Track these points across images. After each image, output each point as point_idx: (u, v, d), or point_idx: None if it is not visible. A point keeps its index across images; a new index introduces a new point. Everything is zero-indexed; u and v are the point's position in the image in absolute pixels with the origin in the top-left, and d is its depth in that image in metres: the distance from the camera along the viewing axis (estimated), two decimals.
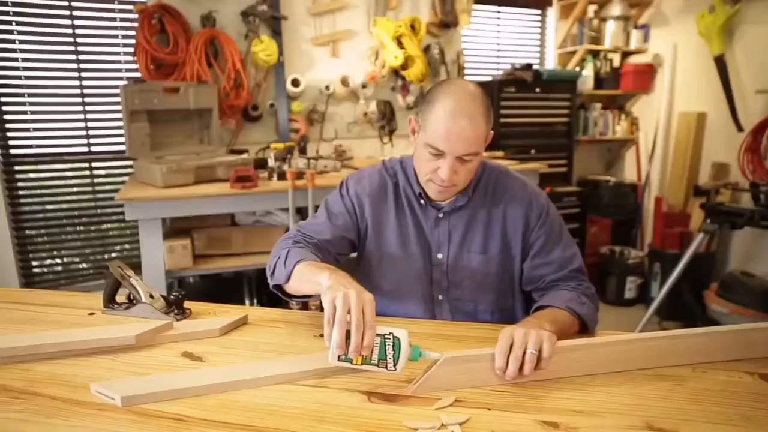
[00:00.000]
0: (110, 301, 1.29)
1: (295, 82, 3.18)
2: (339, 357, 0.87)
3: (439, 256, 1.26)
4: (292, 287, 1.11)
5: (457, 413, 0.82)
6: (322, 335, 1.11)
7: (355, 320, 0.85)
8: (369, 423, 0.80)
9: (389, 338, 0.88)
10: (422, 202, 1.26)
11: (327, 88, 3.28)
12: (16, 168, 2.91)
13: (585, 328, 1.13)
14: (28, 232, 2.98)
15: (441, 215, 1.26)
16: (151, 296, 1.27)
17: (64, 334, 1.09)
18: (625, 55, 4.05)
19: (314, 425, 0.80)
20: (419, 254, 1.26)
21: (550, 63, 4.13)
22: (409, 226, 1.27)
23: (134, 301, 1.26)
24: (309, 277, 1.04)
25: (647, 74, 3.93)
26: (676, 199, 3.80)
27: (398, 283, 1.28)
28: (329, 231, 1.26)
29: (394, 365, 0.88)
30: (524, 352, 0.89)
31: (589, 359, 0.95)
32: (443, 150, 1.11)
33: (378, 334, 0.88)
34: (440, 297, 1.27)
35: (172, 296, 1.26)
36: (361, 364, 0.88)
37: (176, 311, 1.24)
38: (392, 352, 0.88)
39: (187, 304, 1.27)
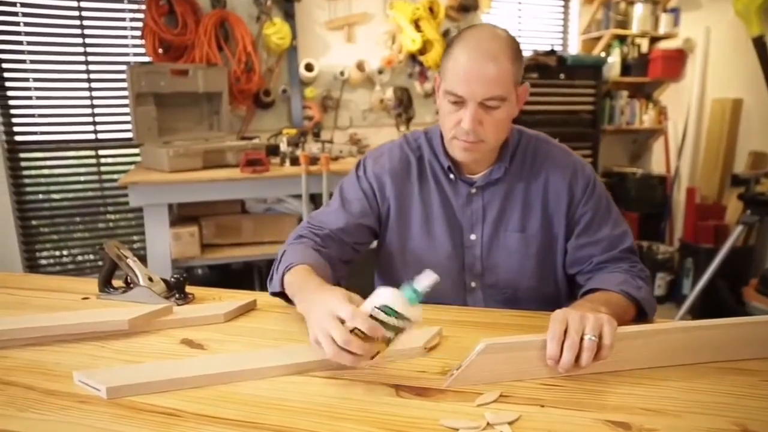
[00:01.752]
0: (106, 285, 1.17)
1: (309, 67, 3.05)
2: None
3: (472, 237, 1.12)
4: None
5: (504, 410, 0.68)
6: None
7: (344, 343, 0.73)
8: (397, 421, 0.66)
9: (381, 311, 0.75)
10: (452, 176, 1.11)
11: (342, 73, 3.15)
12: (21, 155, 2.82)
13: (641, 315, 0.98)
14: (33, 222, 2.88)
15: (474, 190, 1.11)
16: (150, 279, 1.15)
17: (49, 317, 0.97)
18: (654, 40, 3.86)
19: (328, 422, 0.66)
20: (448, 236, 1.12)
21: (574, 49, 3.96)
22: (437, 205, 1.13)
23: (131, 285, 1.14)
24: (292, 292, 0.94)
25: (677, 60, 3.74)
26: (710, 190, 3.61)
27: (424, 269, 1.13)
28: (343, 219, 1.12)
29: (404, 321, 0.76)
30: (581, 339, 0.74)
31: (654, 348, 0.80)
32: (463, 95, 0.98)
33: (375, 318, 0.75)
34: (473, 284, 1.13)
35: (172, 278, 1.13)
36: (387, 346, 0.77)
37: (177, 295, 1.12)
38: (393, 319, 0.76)
39: (190, 289, 1.15)
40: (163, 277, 1.17)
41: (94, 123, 2.90)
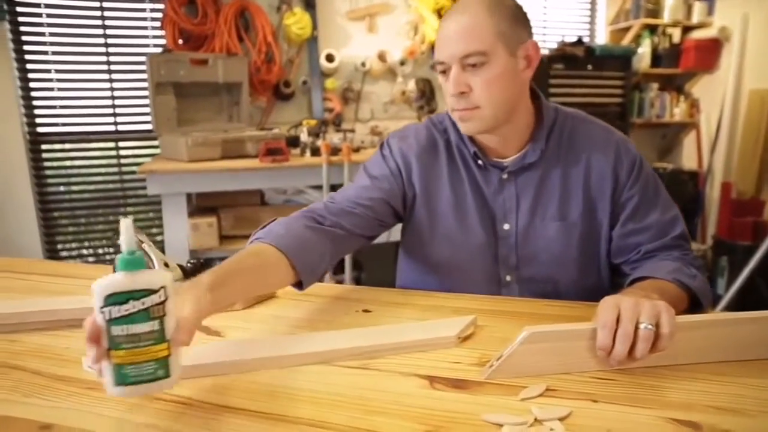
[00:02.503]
0: None
1: (330, 58, 2.99)
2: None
3: (506, 227, 1.03)
4: None
5: (553, 405, 0.61)
6: (366, 310, 0.94)
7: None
8: (434, 415, 0.60)
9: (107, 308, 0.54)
10: (480, 162, 1.03)
11: (363, 64, 3.09)
12: (43, 147, 2.81)
13: (695, 307, 0.89)
14: (54, 214, 2.88)
15: (505, 176, 1.02)
16: (166, 265, 1.09)
17: (58, 301, 0.92)
18: (687, 30, 3.72)
19: (361, 416, 0.60)
20: (480, 226, 1.03)
21: (601, 40, 3.84)
22: (467, 192, 1.04)
23: None
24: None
25: (711, 50, 3.59)
26: (746, 185, 3.46)
27: (454, 262, 1.05)
28: (370, 193, 1.03)
29: (147, 295, 0.55)
30: (636, 328, 0.66)
31: (717, 341, 0.71)
32: (444, 60, 0.93)
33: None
34: (508, 278, 1.05)
35: (188, 264, 1.08)
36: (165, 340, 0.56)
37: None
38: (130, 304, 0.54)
39: None
40: (180, 263, 1.12)
41: (115, 115, 2.88)
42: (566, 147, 1.02)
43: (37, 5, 2.69)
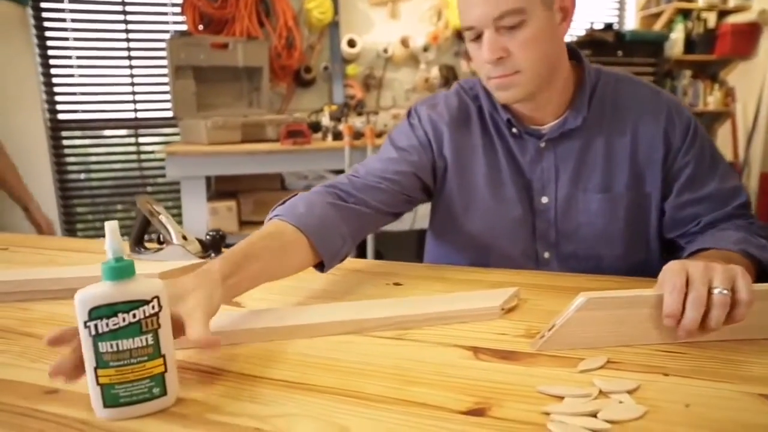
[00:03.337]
0: (137, 244, 1.07)
1: (351, 43, 2.93)
2: None
3: (544, 200, 0.95)
4: None
5: (617, 378, 0.53)
6: (397, 283, 0.87)
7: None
8: (482, 386, 0.52)
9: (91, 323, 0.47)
10: (515, 130, 0.95)
11: (385, 50, 3.02)
12: (63, 134, 2.80)
13: (763, 280, 0.80)
14: (74, 201, 2.87)
15: (543, 145, 0.94)
16: (185, 238, 1.04)
17: (70, 270, 0.87)
18: (722, 14, 3.57)
19: (397, 386, 0.53)
20: (516, 199, 0.96)
21: (631, 26, 3.71)
22: (502, 163, 0.96)
23: (164, 243, 1.04)
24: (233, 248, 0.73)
25: (749, 35, 3.43)
26: None
27: (488, 238, 0.98)
28: (397, 166, 0.94)
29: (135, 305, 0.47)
30: (709, 293, 0.58)
31: None
32: (475, 24, 0.83)
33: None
34: (546, 255, 0.97)
35: (207, 236, 1.02)
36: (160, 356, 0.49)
37: (213, 255, 1.01)
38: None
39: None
40: (198, 237, 1.07)
41: (134, 101, 2.86)
42: (610, 111, 0.93)
43: None
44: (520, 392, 0.51)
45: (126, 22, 2.77)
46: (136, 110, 2.87)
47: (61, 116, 2.78)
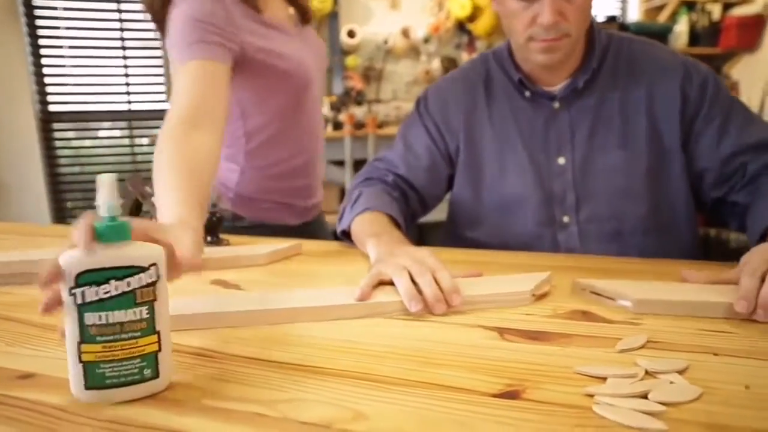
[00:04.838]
0: None
1: (351, 33, 2.87)
2: None
3: (561, 161, 0.93)
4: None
5: (663, 357, 0.48)
6: None
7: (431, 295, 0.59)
8: (513, 368, 0.47)
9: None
10: (527, 93, 0.94)
11: (385, 41, 2.96)
12: (54, 126, 2.73)
13: None
14: (65, 195, 2.80)
15: (557, 105, 0.93)
16: None
17: (54, 251, 0.81)
18: (727, 7, 3.52)
19: (417, 368, 0.47)
20: (530, 162, 0.94)
21: (634, 18, 3.67)
22: (513, 127, 0.96)
23: None
24: (361, 238, 0.83)
25: (754, 27, 3.38)
26: None
27: (504, 205, 0.96)
28: (406, 166, 1.01)
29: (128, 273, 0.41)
30: None
31: None
32: None
33: None
34: (565, 219, 0.93)
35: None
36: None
37: (210, 238, 0.95)
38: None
39: (224, 237, 0.99)
40: None
41: (128, 93, 2.79)
42: (625, 70, 0.93)
43: None
44: (555, 373, 0.46)
45: (120, 11, 2.70)
46: (129, 102, 2.80)
47: (52, 108, 2.71)
